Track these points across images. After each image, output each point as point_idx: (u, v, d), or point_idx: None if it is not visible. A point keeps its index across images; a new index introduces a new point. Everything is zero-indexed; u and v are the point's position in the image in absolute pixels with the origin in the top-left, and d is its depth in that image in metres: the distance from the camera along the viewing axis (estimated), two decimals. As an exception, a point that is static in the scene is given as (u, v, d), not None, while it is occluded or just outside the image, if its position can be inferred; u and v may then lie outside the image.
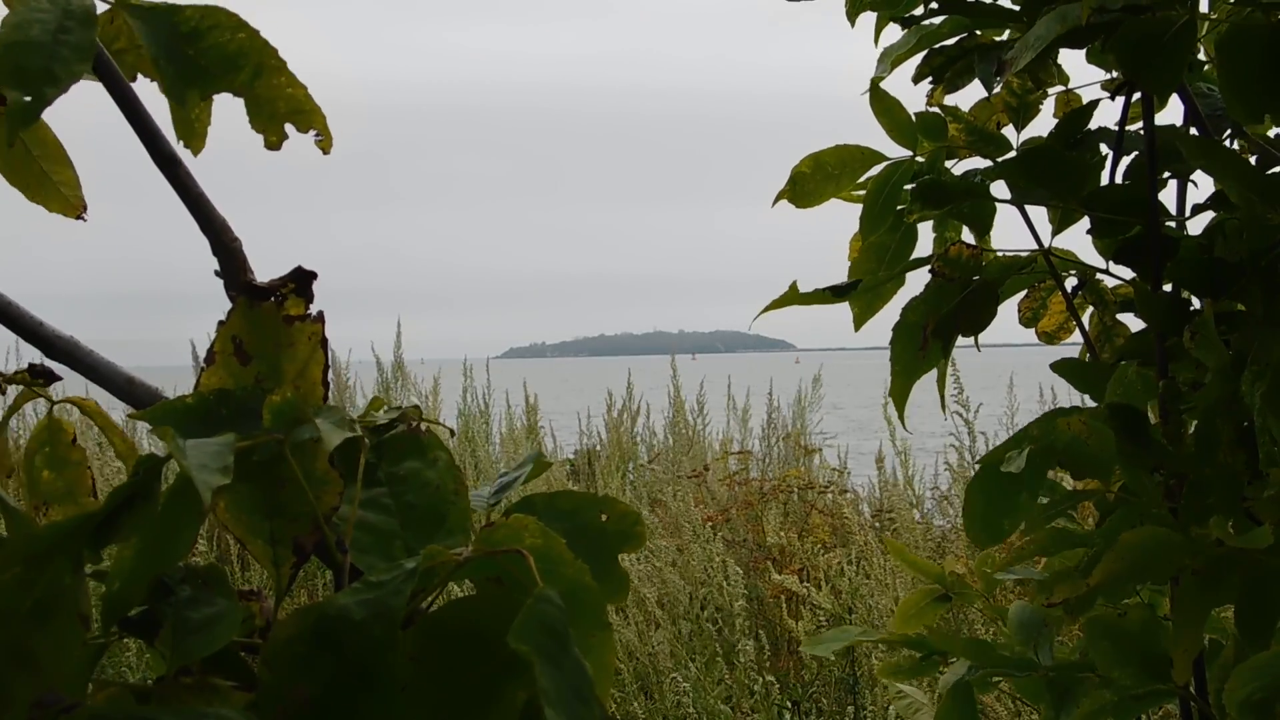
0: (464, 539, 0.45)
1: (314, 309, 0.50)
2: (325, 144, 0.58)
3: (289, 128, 0.57)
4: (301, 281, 0.50)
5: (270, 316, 0.49)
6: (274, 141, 0.57)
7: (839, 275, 1.14)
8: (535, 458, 0.53)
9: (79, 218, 0.69)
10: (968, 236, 1.13)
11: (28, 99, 0.48)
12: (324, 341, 0.49)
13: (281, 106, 0.56)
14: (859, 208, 1.13)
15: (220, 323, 0.50)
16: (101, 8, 0.53)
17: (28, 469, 0.59)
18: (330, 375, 0.51)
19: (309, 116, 0.57)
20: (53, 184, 0.68)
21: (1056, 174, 1.02)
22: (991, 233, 1.15)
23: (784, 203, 1.15)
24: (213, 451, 0.37)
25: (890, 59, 1.13)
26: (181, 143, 0.58)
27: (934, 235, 1.20)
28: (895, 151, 1.12)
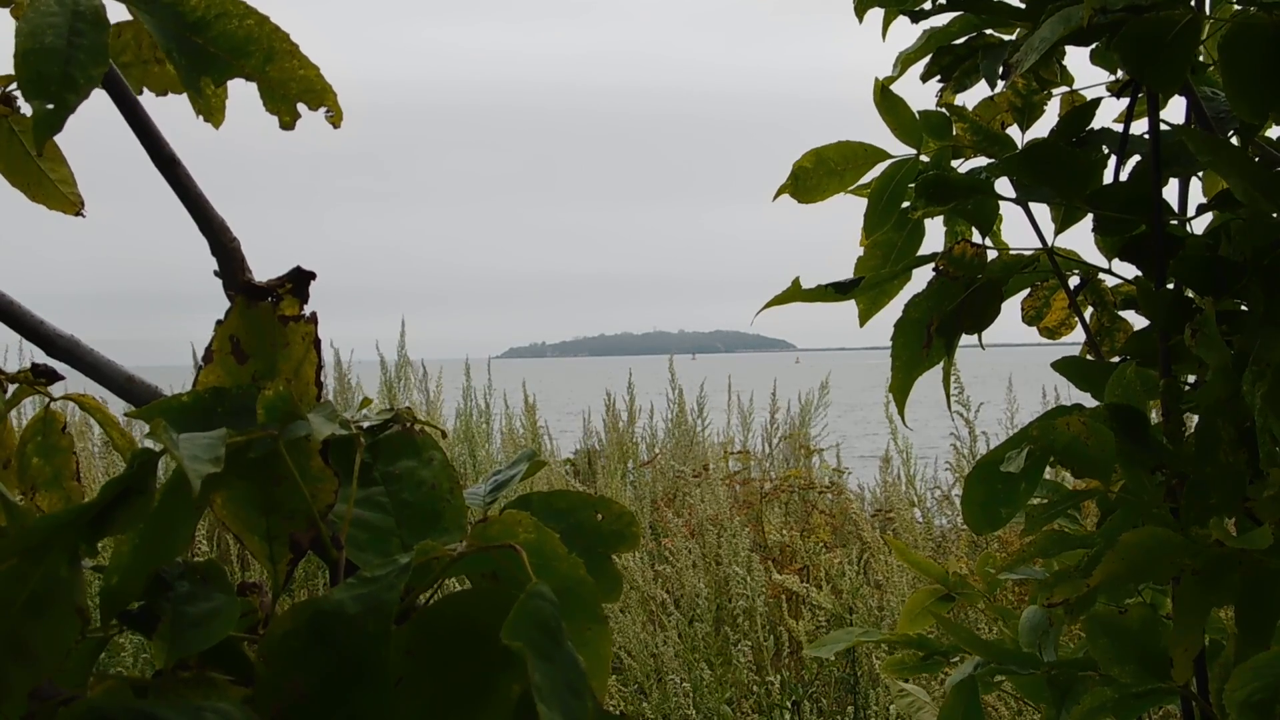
0: (459, 536, 0.46)
1: (311, 309, 0.50)
2: (336, 119, 0.58)
3: (301, 107, 0.57)
4: (299, 281, 0.50)
5: (267, 316, 0.49)
6: (288, 122, 0.57)
7: (842, 274, 1.14)
8: (530, 456, 0.53)
9: (78, 214, 0.69)
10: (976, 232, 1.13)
11: (50, 107, 0.49)
12: (317, 342, 0.49)
13: (294, 88, 0.57)
14: (865, 205, 1.13)
15: (218, 322, 0.50)
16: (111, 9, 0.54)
17: (19, 456, 0.60)
18: (325, 376, 0.51)
19: (320, 95, 0.58)
20: (51, 182, 0.68)
21: (1060, 171, 1.02)
22: (1000, 231, 1.15)
23: (787, 203, 1.15)
24: (204, 444, 0.37)
25: (902, 61, 1.13)
26: (201, 117, 0.59)
27: (945, 230, 1.20)
28: (900, 149, 1.12)
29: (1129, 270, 1.05)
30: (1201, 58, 1.07)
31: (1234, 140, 1.03)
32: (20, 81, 0.49)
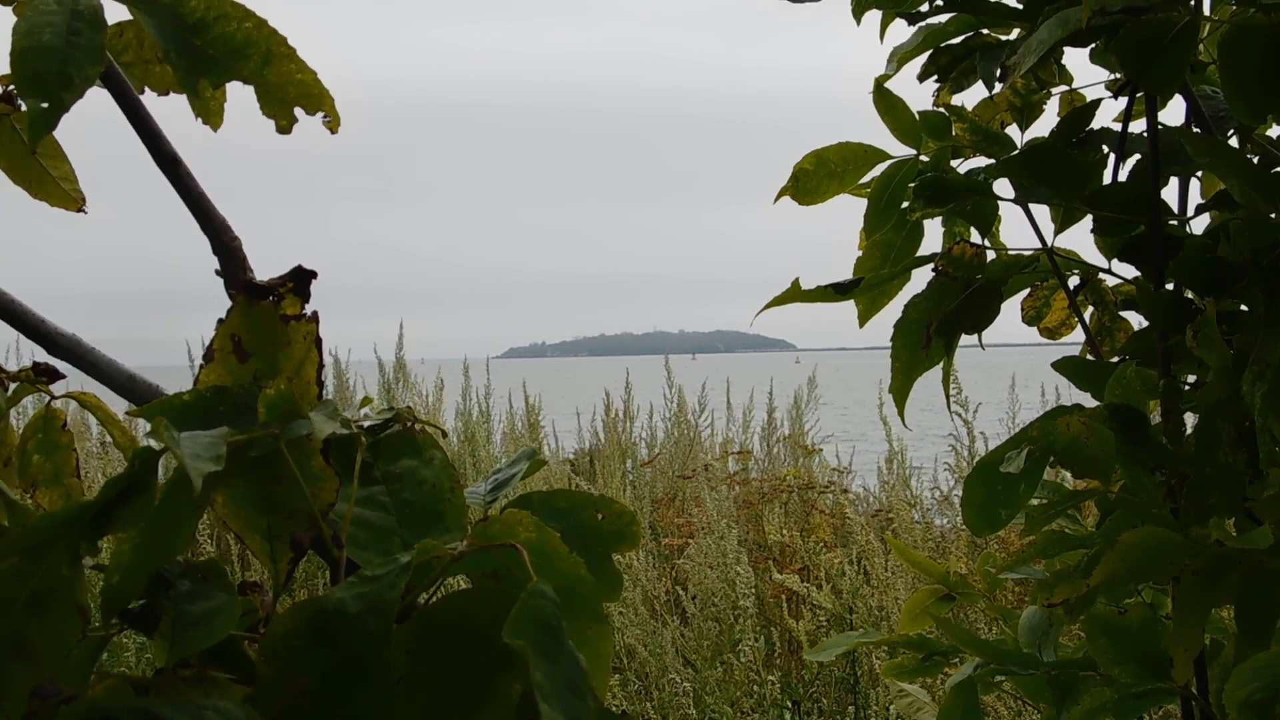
0: (460, 535, 0.46)
1: (312, 309, 0.50)
2: (334, 124, 0.59)
3: (298, 111, 0.58)
4: (300, 280, 0.50)
5: (268, 315, 0.49)
6: (284, 125, 0.58)
7: (842, 275, 1.14)
8: (530, 455, 0.53)
9: (80, 210, 0.70)
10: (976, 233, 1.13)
11: (45, 105, 0.49)
12: (318, 341, 0.49)
13: (291, 92, 0.57)
14: (865, 206, 1.13)
15: (220, 321, 0.50)
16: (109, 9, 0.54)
17: (20, 454, 0.60)
18: (325, 375, 0.51)
19: (318, 100, 0.58)
20: (52, 180, 0.68)
21: (1059, 172, 1.02)
22: (999, 231, 1.15)
23: (787, 203, 1.15)
24: (206, 442, 0.37)
25: (897, 59, 1.13)
26: (200, 119, 0.59)
27: (943, 230, 1.20)
28: (899, 150, 1.12)
29: (1129, 270, 1.05)
30: (1201, 56, 1.07)
31: (1233, 140, 1.04)
32: (16, 79, 0.49)
